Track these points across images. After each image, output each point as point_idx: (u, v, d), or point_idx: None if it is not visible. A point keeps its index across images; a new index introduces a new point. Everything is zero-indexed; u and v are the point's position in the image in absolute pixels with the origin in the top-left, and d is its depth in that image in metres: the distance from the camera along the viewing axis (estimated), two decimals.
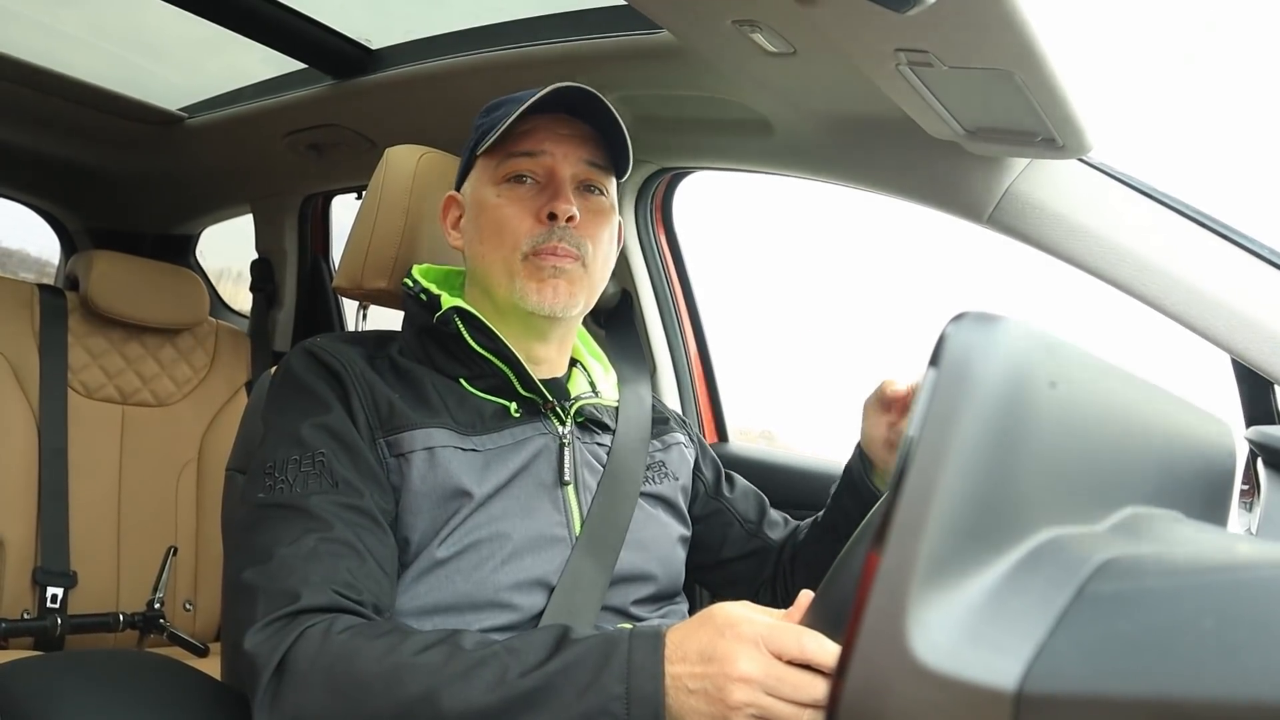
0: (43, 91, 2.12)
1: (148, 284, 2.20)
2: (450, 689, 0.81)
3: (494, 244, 1.11)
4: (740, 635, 0.78)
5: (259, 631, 0.87)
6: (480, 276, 1.15)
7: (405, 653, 0.83)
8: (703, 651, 0.79)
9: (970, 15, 0.91)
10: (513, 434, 1.10)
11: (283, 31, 1.74)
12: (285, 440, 1.01)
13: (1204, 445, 0.63)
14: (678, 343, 1.99)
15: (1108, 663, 0.35)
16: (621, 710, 0.79)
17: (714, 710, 0.77)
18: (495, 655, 0.83)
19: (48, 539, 1.94)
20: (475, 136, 1.17)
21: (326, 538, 0.92)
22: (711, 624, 0.81)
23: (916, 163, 1.38)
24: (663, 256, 1.97)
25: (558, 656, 0.82)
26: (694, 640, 0.80)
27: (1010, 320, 0.40)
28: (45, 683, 0.92)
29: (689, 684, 0.79)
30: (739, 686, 0.76)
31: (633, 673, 0.80)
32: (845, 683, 0.37)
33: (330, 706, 0.83)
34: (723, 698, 0.77)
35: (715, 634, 0.79)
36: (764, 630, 0.78)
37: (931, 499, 0.37)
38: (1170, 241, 1.23)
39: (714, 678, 0.77)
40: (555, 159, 1.12)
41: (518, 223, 1.10)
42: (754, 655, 0.77)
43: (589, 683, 0.80)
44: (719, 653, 0.78)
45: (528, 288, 1.09)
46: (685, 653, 0.80)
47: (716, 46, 1.24)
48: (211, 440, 2.23)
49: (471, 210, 1.16)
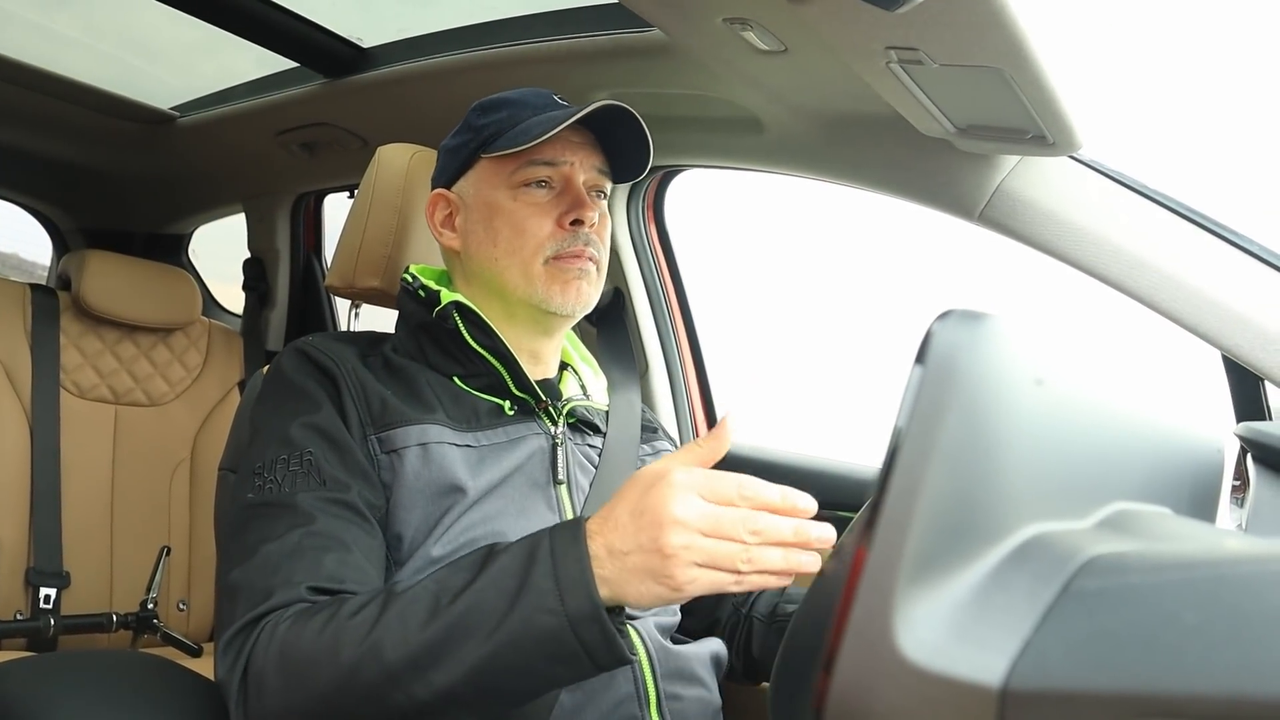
0: (34, 91, 2.11)
1: (140, 283, 2.19)
2: (389, 637, 0.80)
3: (512, 247, 1.12)
4: (670, 483, 0.76)
5: (226, 645, 0.88)
6: (489, 277, 1.14)
7: (342, 617, 0.83)
8: (632, 510, 0.78)
9: (960, 13, 0.91)
10: (506, 432, 1.10)
11: (274, 30, 1.74)
12: (274, 441, 1.01)
13: (1193, 441, 0.63)
14: (670, 340, 1.99)
15: (1092, 659, 0.35)
16: (556, 603, 0.77)
17: (651, 563, 0.76)
18: (424, 590, 0.83)
19: (40, 539, 1.93)
20: (479, 138, 1.15)
21: (311, 531, 0.93)
22: (637, 483, 0.79)
23: (907, 160, 1.39)
24: (655, 254, 1.98)
25: (484, 572, 0.82)
26: (621, 505, 0.79)
27: (996, 318, 0.41)
28: (38, 683, 0.92)
29: (621, 546, 0.77)
30: (673, 530, 0.75)
31: (558, 562, 0.79)
32: (832, 678, 0.37)
33: (289, 694, 0.83)
34: (658, 547, 0.75)
35: (642, 490, 0.78)
36: (699, 477, 0.77)
37: (917, 496, 0.37)
38: (1160, 238, 1.24)
39: (646, 529, 0.76)
40: (573, 168, 1.14)
41: (538, 228, 1.12)
42: (685, 498, 0.76)
43: (518, 587, 0.79)
44: (648, 504, 0.76)
45: (552, 290, 1.11)
46: (614, 521, 0.79)
47: (707, 44, 1.24)
48: (205, 440, 2.22)
49: (479, 211, 1.15)
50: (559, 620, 0.78)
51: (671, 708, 1.03)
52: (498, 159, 1.14)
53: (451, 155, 1.20)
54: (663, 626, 1.11)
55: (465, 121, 1.19)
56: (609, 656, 0.80)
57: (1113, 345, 0.52)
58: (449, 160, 1.20)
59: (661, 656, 1.05)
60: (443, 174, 1.21)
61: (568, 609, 0.78)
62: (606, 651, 0.79)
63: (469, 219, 1.17)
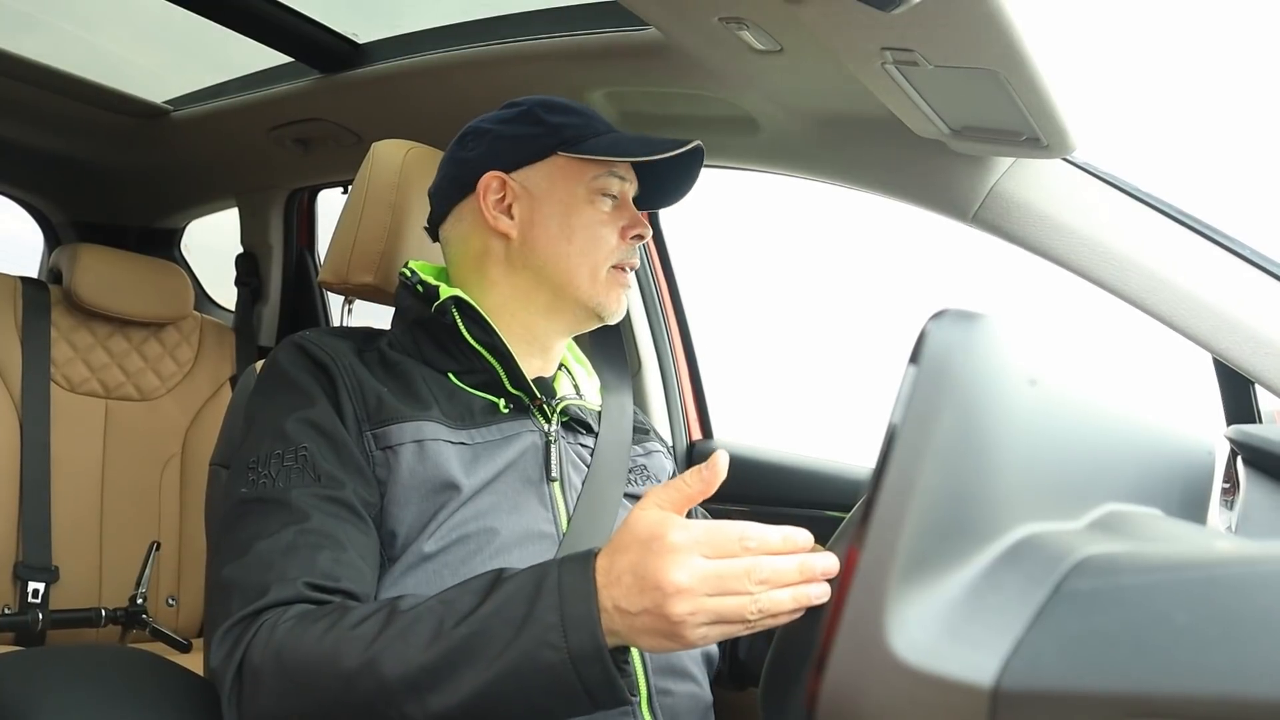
0: (26, 83, 2.10)
1: (132, 278, 2.18)
2: (389, 652, 0.80)
3: (587, 248, 1.15)
4: (670, 546, 0.75)
5: (223, 635, 0.87)
6: (551, 271, 1.16)
7: (344, 626, 0.83)
8: (634, 571, 0.76)
9: (955, 15, 0.91)
10: (500, 429, 1.10)
11: (269, 25, 1.73)
12: (269, 435, 1.01)
13: (1184, 443, 0.64)
14: (663, 339, 1.99)
15: (1083, 658, 0.35)
16: (559, 639, 0.77)
17: (663, 627, 0.75)
18: (430, 610, 0.82)
19: (29, 533, 1.93)
20: (558, 136, 1.16)
21: (305, 529, 0.92)
22: (635, 540, 0.78)
23: (902, 161, 1.39)
24: (648, 253, 1.98)
25: (490, 599, 0.81)
26: (623, 559, 0.78)
27: (990, 318, 0.41)
28: (26, 678, 0.91)
29: (628, 606, 0.76)
30: (677, 600, 0.74)
31: (564, 599, 0.78)
32: (824, 678, 0.37)
33: (284, 696, 0.83)
34: (664, 614, 0.74)
35: (642, 551, 0.77)
36: (699, 535, 0.76)
37: (910, 496, 0.37)
38: (1153, 241, 1.24)
39: (649, 594, 0.75)
40: (629, 186, 1.21)
41: (610, 236, 1.17)
42: (687, 562, 0.74)
43: (523, 617, 0.78)
44: (650, 569, 0.75)
45: (610, 296, 1.17)
46: (618, 574, 0.78)
47: (703, 44, 1.24)
48: (196, 435, 2.22)
49: (552, 206, 1.16)
50: (561, 657, 0.77)
51: (662, 703, 1.03)
52: (577, 161, 1.16)
53: (518, 143, 1.18)
54: None
55: (529, 114, 1.18)
56: (609, 697, 0.79)
57: (1105, 347, 0.52)
58: (514, 147, 1.18)
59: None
60: (499, 158, 1.18)
61: (571, 646, 0.77)
62: (607, 692, 0.79)
63: (536, 210, 1.16)
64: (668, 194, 1.27)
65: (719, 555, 0.75)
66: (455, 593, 0.84)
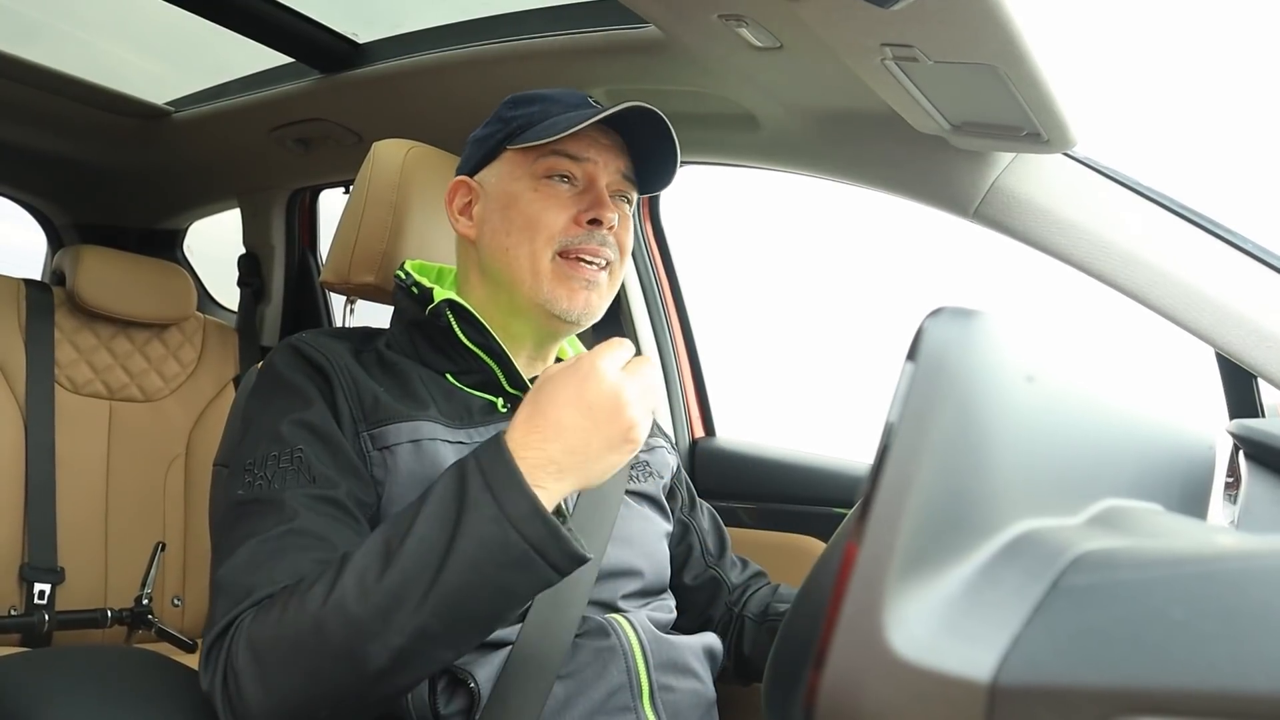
0: (29, 86, 2.10)
1: (135, 279, 2.19)
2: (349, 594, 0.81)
3: (524, 237, 1.10)
4: (604, 374, 0.88)
5: (209, 647, 0.87)
6: (499, 269, 1.13)
7: (300, 592, 0.84)
8: (580, 408, 0.87)
9: (954, 10, 0.91)
10: (499, 428, 1.10)
11: (269, 25, 1.73)
12: (265, 437, 1.01)
13: (1185, 438, 0.64)
14: (665, 335, 1.99)
15: (1081, 654, 0.35)
16: (494, 510, 0.82)
17: (614, 442, 0.87)
18: (373, 541, 0.85)
19: (35, 535, 1.93)
20: (506, 129, 1.15)
21: (294, 529, 0.92)
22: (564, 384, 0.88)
23: (902, 157, 1.39)
24: (649, 250, 1.98)
25: (423, 509, 0.85)
26: (557, 409, 0.87)
27: (987, 314, 0.41)
28: (33, 679, 0.92)
29: (578, 444, 0.86)
30: (630, 408, 0.87)
31: (487, 475, 0.84)
32: (823, 674, 0.37)
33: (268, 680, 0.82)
34: (622, 429, 0.87)
35: (578, 388, 0.88)
36: (619, 358, 0.90)
37: (908, 492, 0.37)
38: (1155, 235, 1.24)
39: (607, 420, 0.87)
40: (597, 167, 1.14)
41: (553, 220, 1.10)
42: (624, 381, 0.89)
43: (457, 509, 0.83)
44: (597, 399, 0.87)
45: (558, 292, 1.10)
46: (559, 425, 0.87)
47: (703, 41, 1.24)
48: (199, 435, 2.22)
49: (497, 201, 1.14)
50: (501, 526, 0.81)
51: (664, 699, 1.03)
52: (523, 150, 1.13)
53: (477, 145, 1.19)
54: (657, 621, 1.12)
55: (496, 113, 1.19)
56: (561, 554, 0.83)
57: (1105, 342, 0.52)
58: (475, 149, 1.19)
59: (654, 647, 1.05)
60: (467, 163, 1.21)
61: (508, 513, 0.81)
62: (557, 548, 0.82)
63: (486, 207, 1.15)
64: (659, 174, 1.20)
65: (626, 364, 0.91)
66: (389, 521, 0.88)
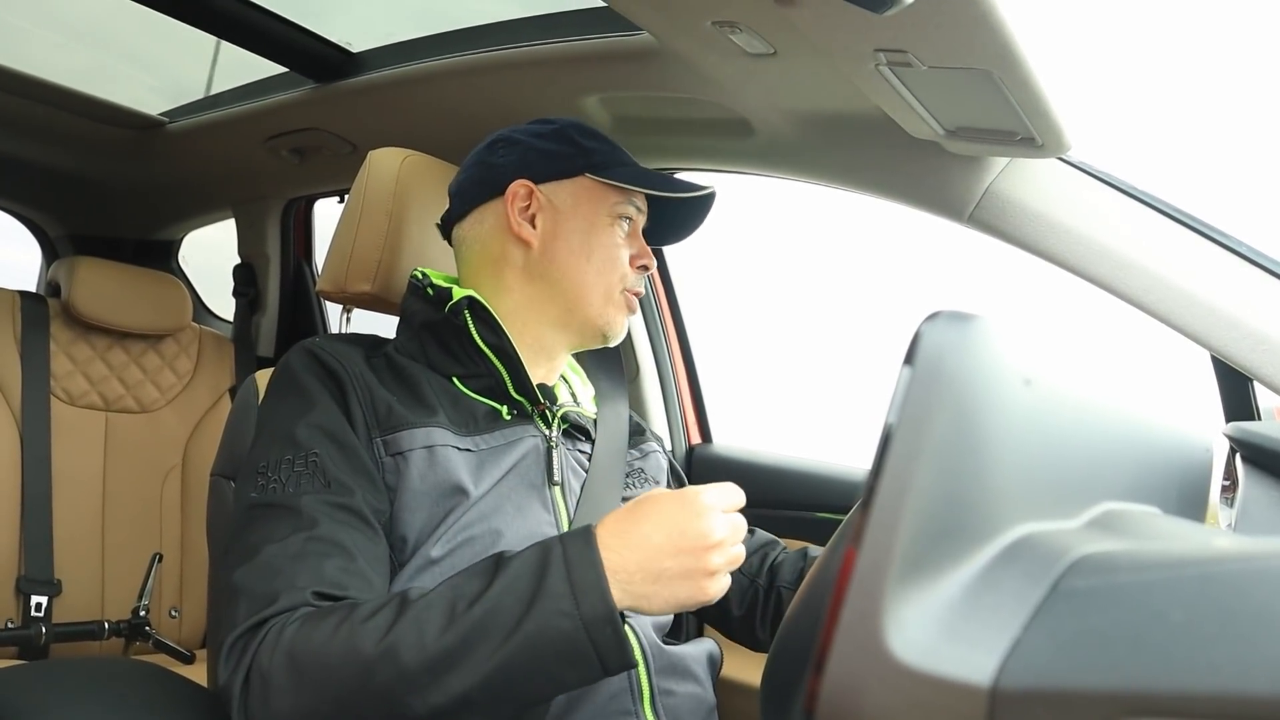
0: (22, 97, 2.10)
1: (130, 290, 2.19)
2: (405, 642, 0.81)
3: (604, 269, 1.19)
4: (703, 506, 0.87)
5: (230, 648, 0.87)
6: (567, 285, 1.18)
7: (356, 620, 0.84)
8: (668, 531, 0.85)
9: (948, 15, 0.91)
10: (504, 435, 1.11)
11: (263, 35, 1.73)
12: (279, 440, 1.01)
13: (1182, 441, 0.64)
14: (661, 343, 1.99)
15: (1081, 657, 0.35)
16: (570, 606, 0.81)
17: (691, 576, 0.85)
18: (439, 596, 0.84)
19: (31, 547, 1.93)
20: (588, 159, 1.20)
21: (314, 536, 0.92)
22: (663, 505, 0.88)
23: (897, 163, 1.39)
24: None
25: (498, 579, 0.84)
26: (646, 526, 0.86)
27: (984, 318, 0.41)
28: (30, 692, 0.91)
29: (653, 566, 0.84)
30: (717, 552, 0.86)
31: (571, 568, 0.83)
32: (823, 679, 0.37)
33: (299, 694, 0.83)
34: (702, 566, 0.85)
35: (674, 511, 0.87)
36: (725, 497, 0.89)
37: (906, 497, 0.37)
38: (1150, 239, 1.24)
39: (689, 551, 0.85)
40: (641, 218, 1.26)
41: (623, 261, 1.21)
42: (721, 520, 0.87)
43: (533, 590, 0.82)
44: (689, 528, 0.85)
45: (619, 319, 1.21)
46: (641, 540, 0.85)
47: (696, 47, 1.24)
48: (196, 446, 2.22)
49: (576, 223, 1.19)
50: (574, 623, 0.81)
51: (665, 703, 1.04)
52: (602, 185, 1.19)
53: (549, 158, 1.20)
54: (657, 625, 1.12)
55: (562, 133, 1.22)
56: (618, 660, 0.83)
57: (1101, 346, 0.53)
58: (545, 161, 1.21)
59: (656, 652, 1.06)
60: (529, 169, 1.21)
61: (583, 612, 0.81)
62: (617, 655, 0.82)
63: (560, 224, 1.19)
64: (673, 232, 1.33)
65: (730, 510, 0.89)
66: (461, 578, 0.87)
